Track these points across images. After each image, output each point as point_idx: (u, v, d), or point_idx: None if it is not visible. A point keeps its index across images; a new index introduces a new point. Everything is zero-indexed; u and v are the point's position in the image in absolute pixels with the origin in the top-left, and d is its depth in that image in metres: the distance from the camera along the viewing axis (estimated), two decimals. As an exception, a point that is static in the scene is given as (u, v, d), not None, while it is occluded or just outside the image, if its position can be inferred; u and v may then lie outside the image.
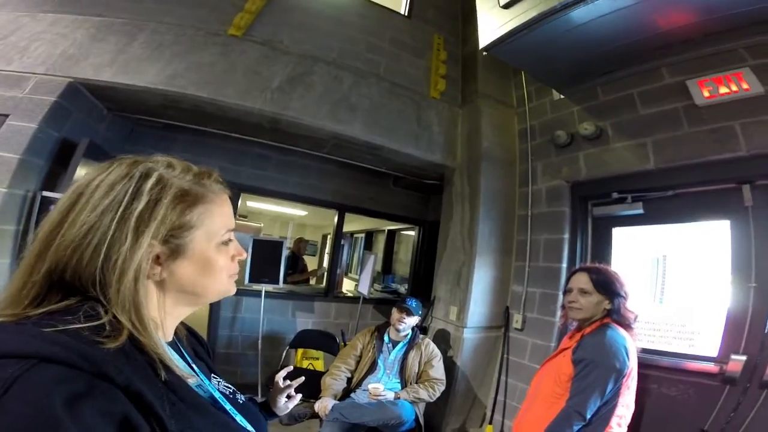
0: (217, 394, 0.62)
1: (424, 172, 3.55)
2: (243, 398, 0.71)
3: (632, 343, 1.43)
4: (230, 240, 0.62)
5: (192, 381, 0.55)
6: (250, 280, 3.31)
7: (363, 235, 6.63)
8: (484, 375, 2.98)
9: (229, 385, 0.71)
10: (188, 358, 0.64)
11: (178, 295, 0.58)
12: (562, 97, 2.89)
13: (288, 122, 2.82)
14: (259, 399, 0.92)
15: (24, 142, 2.23)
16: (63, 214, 0.50)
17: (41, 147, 2.32)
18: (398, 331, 2.56)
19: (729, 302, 2.05)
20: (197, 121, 3.01)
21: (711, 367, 2.03)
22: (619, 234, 2.66)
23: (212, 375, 0.69)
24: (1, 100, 2.28)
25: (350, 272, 6.48)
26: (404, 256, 5.59)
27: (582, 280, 1.56)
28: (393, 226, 5.53)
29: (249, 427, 0.62)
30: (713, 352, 2.07)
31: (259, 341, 3.27)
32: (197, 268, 0.57)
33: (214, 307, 3.44)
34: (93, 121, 2.74)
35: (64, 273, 0.48)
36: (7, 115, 2.25)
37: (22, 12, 2.55)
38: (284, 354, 3.16)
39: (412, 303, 2.59)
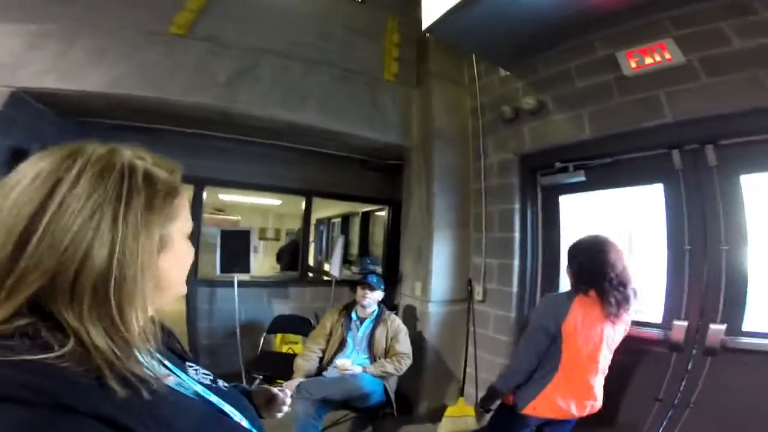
0: (199, 388, 0.58)
1: (385, 152, 3.60)
2: (225, 385, 0.66)
3: None
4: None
5: (171, 380, 0.53)
6: (222, 271, 3.37)
7: (339, 219, 6.68)
8: (454, 348, 3.09)
9: (208, 373, 0.67)
10: (160, 356, 0.56)
11: (153, 292, 0.50)
12: (508, 73, 2.94)
13: (239, 114, 2.84)
14: (247, 386, 0.87)
15: (-26, 153, 2.21)
16: (30, 218, 0.41)
17: (-7, 157, 2.30)
18: (364, 307, 2.67)
19: (667, 266, 2.11)
20: (147, 120, 2.97)
21: (657, 333, 2.07)
22: (565, 202, 2.75)
23: (187, 364, 0.64)
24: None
25: (330, 257, 6.56)
26: (379, 238, 5.67)
27: None
28: (367, 208, 5.60)
29: (236, 414, 0.60)
30: (658, 318, 2.10)
31: (237, 330, 3.37)
32: (176, 260, 0.54)
33: (190, 300, 3.52)
34: (41, 126, 2.69)
35: (31, 286, 0.40)
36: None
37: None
38: (262, 340, 3.28)
39: (373, 278, 2.71)
